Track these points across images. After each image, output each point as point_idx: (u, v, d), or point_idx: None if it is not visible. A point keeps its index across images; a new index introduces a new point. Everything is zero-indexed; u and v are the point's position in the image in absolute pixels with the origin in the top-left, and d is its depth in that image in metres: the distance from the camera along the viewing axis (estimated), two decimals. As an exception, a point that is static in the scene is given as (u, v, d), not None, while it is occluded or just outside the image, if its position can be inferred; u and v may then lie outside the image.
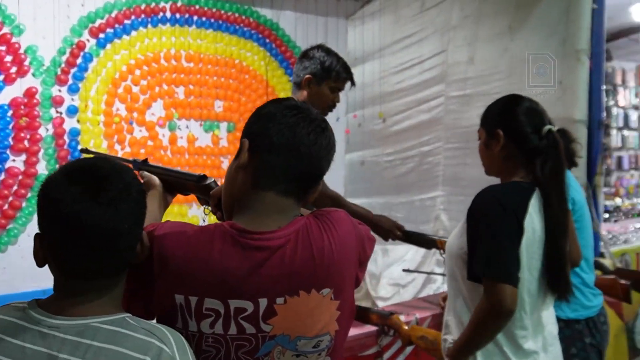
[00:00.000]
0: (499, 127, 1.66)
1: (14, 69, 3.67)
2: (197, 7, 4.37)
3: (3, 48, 3.63)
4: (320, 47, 2.48)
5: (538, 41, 3.68)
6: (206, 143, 4.46)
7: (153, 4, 4.19)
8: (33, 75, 3.75)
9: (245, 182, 1.16)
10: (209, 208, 1.52)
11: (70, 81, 3.88)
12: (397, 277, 4.48)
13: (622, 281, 2.88)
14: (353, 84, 2.56)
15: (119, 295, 1.08)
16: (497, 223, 1.51)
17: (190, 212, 4.36)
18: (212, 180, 1.53)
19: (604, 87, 4.04)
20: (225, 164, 4.53)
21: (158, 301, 1.13)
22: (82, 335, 0.97)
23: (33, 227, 3.79)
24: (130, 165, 1.72)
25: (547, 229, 1.55)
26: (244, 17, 4.62)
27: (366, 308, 2.43)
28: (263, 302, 1.08)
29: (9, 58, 3.65)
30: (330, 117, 5.08)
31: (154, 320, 1.13)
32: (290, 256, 1.10)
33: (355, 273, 1.23)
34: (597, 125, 3.72)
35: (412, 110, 4.57)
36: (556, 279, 1.56)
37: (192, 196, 1.62)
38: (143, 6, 4.14)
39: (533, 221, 1.53)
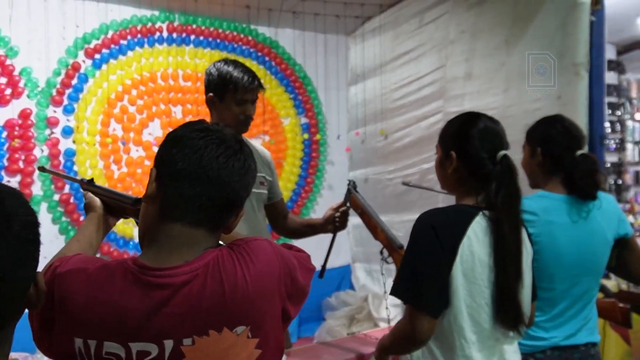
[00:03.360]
0: (453, 149, 1.60)
1: (8, 91, 3.70)
2: (194, 26, 4.38)
3: (-2, 70, 3.68)
4: (219, 61, 2.23)
5: (535, 55, 3.58)
6: (204, 162, 4.44)
7: (149, 24, 4.21)
8: (28, 96, 3.78)
9: (153, 214, 1.09)
10: None
11: (66, 102, 3.91)
12: (399, 297, 4.36)
13: (621, 304, 2.75)
14: (261, 86, 2.22)
15: (6, 352, 0.93)
16: (425, 250, 1.46)
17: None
18: None
19: (607, 100, 3.90)
20: (224, 182, 4.50)
21: (57, 344, 1.05)
22: None
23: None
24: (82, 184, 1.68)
25: (497, 257, 1.47)
26: (242, 36, 4.61)
27: (380, 224, 2.22)
28: (169, 344, 1.00)
29: (3, 80, 3.70)
30: (330, 135, 5.08)
31: None
32: (197, 293, 1.02)
33: (281, 306, 1.12)
34: (599, 140, 3.60)
35: (412, 127, 4.49)
36: (504, 310, 1.47)
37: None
38: (139, 26, 4.16)
39: (472, 244, 1.45)
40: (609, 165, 6.37)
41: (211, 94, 2.17)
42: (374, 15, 4.79)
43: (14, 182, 3.75)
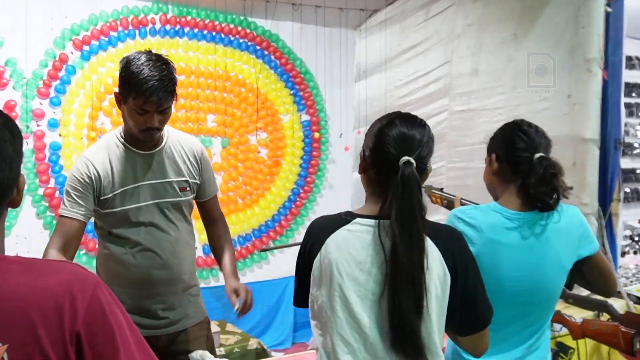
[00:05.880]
0: (365, 149, 1.43)
1: (-8, 82, 3.60)
2: (188, 18, 4.21)
3: (-19, 61, 3.57)
4: (137, 53, 1.79)
5: (544, 50, 3.30)
6: (198, 159, 4.27)
7: (141, 16, 4.05)
8: (13, 88, 3.67)
9: None
10: None
11: (52, 94, 3.79)
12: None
13: (624, 329, 2.46)
14: (170, 97, 1.78)
15: None
16: (299, 252, 1.45)
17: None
18: None
19: (624, 100, 3.59)
20: (219, 180, 4.33)
21: None
22: None
23: (8, 242, 3.70)
24: None
25: (391, 273, 1.26)
26: (239, 28, 4.42)
27: None
28: None
29: (-14, 71, 3.59)
30: (333, 133, 4.86)
31: None
32: None
33: (74, 349, 0.92)
34: (613, 144, 3.30)
35: (416, 127, 4.25)
36: (394, 334, 1.26)
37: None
38: (130, 18, 4.01)
39: (330, 253, 1.33)
40: None
41: (116, 91, 1.80)
42: (379, 8, 4.56)
43: (-4, 176, 3.63)
